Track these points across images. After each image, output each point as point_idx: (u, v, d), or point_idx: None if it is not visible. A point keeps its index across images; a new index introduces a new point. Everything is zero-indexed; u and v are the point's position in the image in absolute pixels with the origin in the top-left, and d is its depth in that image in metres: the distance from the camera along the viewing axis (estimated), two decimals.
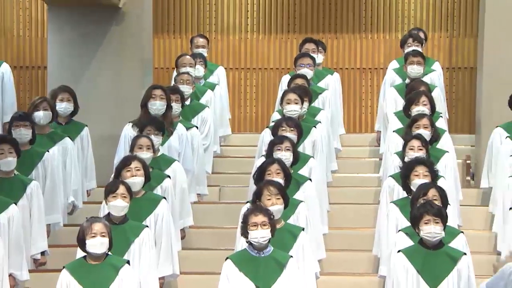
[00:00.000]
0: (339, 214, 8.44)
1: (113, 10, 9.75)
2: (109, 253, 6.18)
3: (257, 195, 6.53)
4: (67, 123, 8.29)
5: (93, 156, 8.45)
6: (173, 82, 9.41)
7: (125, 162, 6.92)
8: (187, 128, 8.37)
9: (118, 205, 6.50)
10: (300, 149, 7.89)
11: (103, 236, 6.08)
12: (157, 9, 11.63)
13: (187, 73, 9.18)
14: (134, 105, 9.09)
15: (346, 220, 8.42)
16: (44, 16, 11.68)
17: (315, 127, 8.34)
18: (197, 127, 8.63)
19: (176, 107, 8.34)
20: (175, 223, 7.38)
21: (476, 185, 9.17)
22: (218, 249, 7.71)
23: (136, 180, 6.81)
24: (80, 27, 9.75)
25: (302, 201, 7.04)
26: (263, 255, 6.19)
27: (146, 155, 7.24)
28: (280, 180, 6.76)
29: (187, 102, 8.93)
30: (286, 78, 9.56)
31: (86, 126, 8.40)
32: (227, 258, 6.27)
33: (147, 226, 6.71)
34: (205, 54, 10.05)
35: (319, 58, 9.87)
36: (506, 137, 8.26)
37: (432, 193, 6.53)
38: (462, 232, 6.76)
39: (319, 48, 9.96)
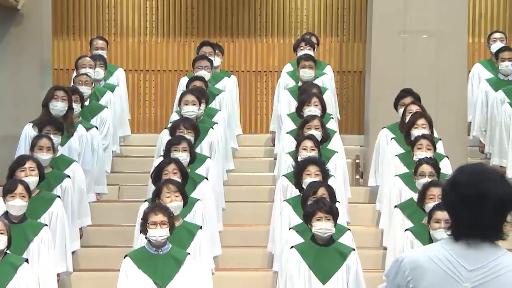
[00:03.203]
0: (235, 212, 8.54)
1: (12, 11, 9.64)
2: (8, 251, 6.20)
3: (157, 194, 6.64)
4: None
5: None
6: (72, 83, 9.46)
7: (19, 162, 6.91)
8: (87, 129, 8.39)
9: (17, 205, 6.54)
10: (198, 149, 8.05)
11: (1, 233, 6.08)
12: (56, 11, 11.55)
13: (86, 74, 9.17)
14: (33, 105, 9.07)
15: (242, 217, 8.53)
16: None
17: (212, 128, 8.46)
18: (97, 128, 8.68)
19: (76, 107, 8.33)
20: (73, 222, 7.44)
21: (364, 184, 9.32)
22: (117, 247, 7.74)
23: (30, 179, 6.80)
24: None
25: (198, 200, 7.19)
26: (161, 253, 6.29)
27: (46, 156, 7.26)
28: (177, 179, 6.88)
29: (86, 103, 8.97)
30: (184, 80, 9.63)
31: None
32: (126, 255, 6.36)
33: (46, 225, 6.73)
34: (105, 56, 10.04)
35: (217, 61, 9.96)
36: (391, 138, 8.42)
37: (321, 191, 6.74)
38: (349, 229, 7.00)
39: (216, 51, 10.05)
